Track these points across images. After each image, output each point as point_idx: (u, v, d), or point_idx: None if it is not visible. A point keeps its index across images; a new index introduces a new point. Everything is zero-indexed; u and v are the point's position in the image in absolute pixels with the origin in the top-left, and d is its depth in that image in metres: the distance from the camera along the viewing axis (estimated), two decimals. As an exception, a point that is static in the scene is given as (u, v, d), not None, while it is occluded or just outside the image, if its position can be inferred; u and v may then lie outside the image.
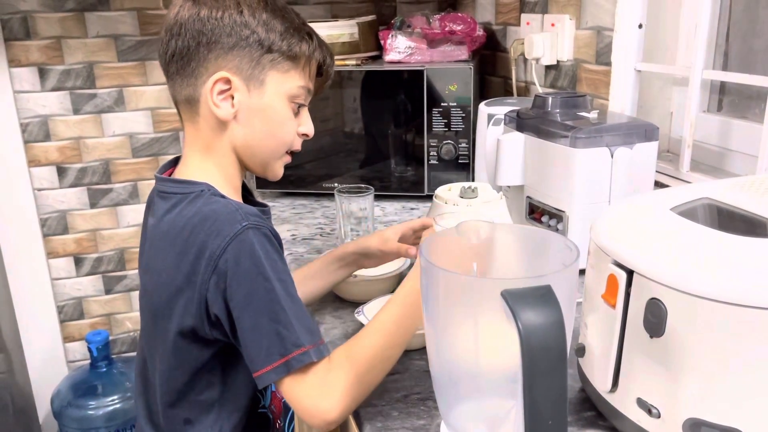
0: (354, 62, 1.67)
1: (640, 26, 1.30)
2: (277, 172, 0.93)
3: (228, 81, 0.83)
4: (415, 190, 1.62)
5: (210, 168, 0.88)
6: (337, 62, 1.67)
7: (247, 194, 0.97)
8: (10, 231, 2.00)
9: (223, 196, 0.84)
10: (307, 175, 1.69)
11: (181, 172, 0.89)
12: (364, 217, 1.31)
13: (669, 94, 1.38)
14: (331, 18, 1.97)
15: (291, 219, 1.55)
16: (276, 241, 0.82)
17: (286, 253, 1.35)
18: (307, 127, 0.92)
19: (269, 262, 0.77)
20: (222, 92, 0.84)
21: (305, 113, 0.92)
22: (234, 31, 0.83)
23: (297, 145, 0.92)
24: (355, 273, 1.10)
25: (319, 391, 0.77)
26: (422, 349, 0.94)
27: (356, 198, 1.30)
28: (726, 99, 1.30)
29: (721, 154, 1.25)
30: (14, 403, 1.99)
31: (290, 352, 0.76)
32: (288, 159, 0.93)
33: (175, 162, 0.93)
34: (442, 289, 0.67)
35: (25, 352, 2.09)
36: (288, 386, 0.77)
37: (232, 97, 0.84)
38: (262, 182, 1.71)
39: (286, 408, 0.99)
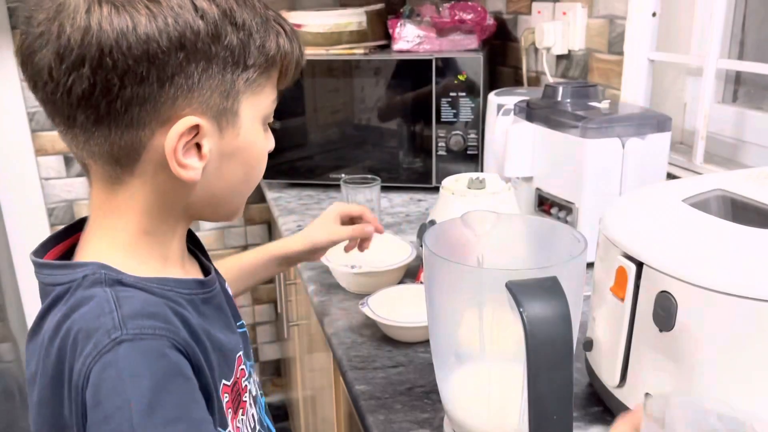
0: (362, 51, 1.65)
1: (654, 14, 1.27)
2: (242, 211, 0.70)
3: (196, 127, 0.57)
4: (423, 181, 1.60)
5: (125, 238, 0.60)
6: (344, 51, 1.66)
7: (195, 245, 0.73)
8: (18, 220, 2.00)
9: (120, 281, 0.56)
10: (314, 166, 1.67)
11: (80, 249, 0.62)
12: (370, 208, 1.30)
13: (683, 84, 1.35)
14: (339, 6, 1.95)
15: (298, 210, 1.54)
16: (180, 349, 0.54)
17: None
18: (273, 140, 0.68)
19: (148, 398, 0.50)
20: (185, 143, 0.57)
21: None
22: (198, 49, 0.55)
23: None
24: (360, 265, 1.09)
25: None
26: (426, 342, 0.92)
27: (363, 189, 1.29)
28: (741, 89, 1.27)
29: (736, 145, 1.22)
30: (21, 392, 2.00)
31: None
32: None
33: (72, 229, 0.64)
34: (445, 279, 0.66)
35: (33, 342, 2.10)
36: None
37: (198, 147, 0.58)
38: (269, 173, 1.69)
39: None
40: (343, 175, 1.40)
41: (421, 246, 1.13)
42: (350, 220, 1.03)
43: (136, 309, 0.54)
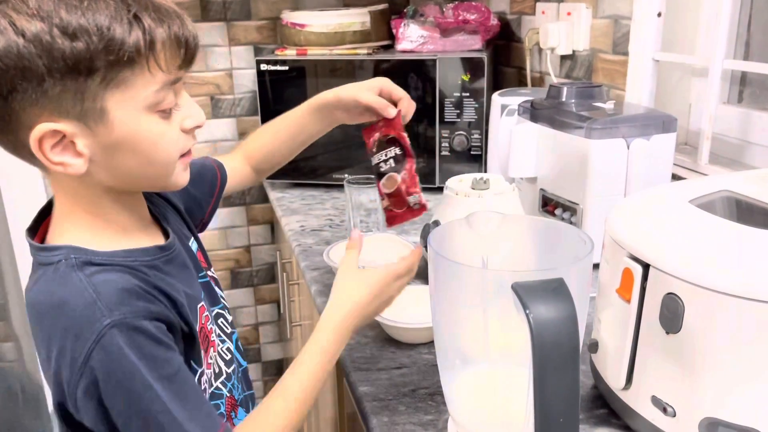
0: (365, 51, 1.65)
1: (659, 15, 1.27)
2: (180, 181, 0.72)
3: (56, 132, 0.61)
4: (426, 181, 1.60)
5: (81, 218, 0.69)
6: (348, 51, 1.66)
7: (156, 206, 0.80)
8: (20, 219, 2.00)
9: (90, 262, 0.65)
10: (317, 166, 1.67)
11: (51, 230, 0.71)
12: (373, 208, 1.30)
13: (688, 85, 1.35)
14: (342, 6, 1.95)
15: (300, 210, 1.54)
16: (152, 321, 0.64)
17: (295, 243, 1.33)
18: (194, 117, 0.69)
19: (146, 362, 0.62)
20: (56, 145, 0.62)
21: (183, 101, 0.69)
22: (26, 65, 0.57)
23: (190, 143, 0.71)
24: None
25: None
26: (430, 343, 0.92)
27: (366, 189, 1.29)
28: (747, 90, 1.27)
29: (741, 146, 1.22)
30: (24, 391, 2.00)
31: None
32: (188, 160, 0.72)
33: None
34: (450, 280, 0.66)
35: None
36: None
37: (73, 143, 0.62)
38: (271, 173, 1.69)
39: None
40: (346, 175, 1.40)
41: (425, 247, 1.12)
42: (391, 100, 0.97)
43: (113, 295, 0.62)
